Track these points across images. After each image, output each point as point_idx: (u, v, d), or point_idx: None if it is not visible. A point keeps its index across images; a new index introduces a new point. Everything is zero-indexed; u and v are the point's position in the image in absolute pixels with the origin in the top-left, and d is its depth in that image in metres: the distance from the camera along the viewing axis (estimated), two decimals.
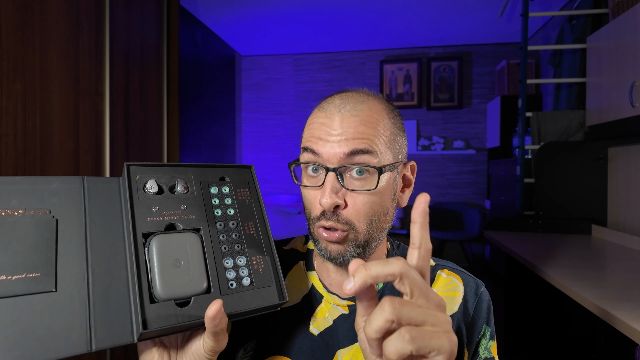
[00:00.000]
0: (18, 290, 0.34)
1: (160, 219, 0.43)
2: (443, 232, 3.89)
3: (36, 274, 0.36)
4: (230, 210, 0.47)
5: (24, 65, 1.12)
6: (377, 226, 0.52)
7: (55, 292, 0.36)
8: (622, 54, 1.69)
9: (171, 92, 1.86)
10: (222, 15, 3.45)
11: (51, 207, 0.39)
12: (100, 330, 0.36)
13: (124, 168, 0.44)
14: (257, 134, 4.66)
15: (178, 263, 0.40)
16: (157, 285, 0.39)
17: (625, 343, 1.03)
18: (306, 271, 0.59)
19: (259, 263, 0.46)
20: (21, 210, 0.38)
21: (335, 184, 0.48)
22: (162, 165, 0.46)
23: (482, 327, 0.56)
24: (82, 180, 0.42)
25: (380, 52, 4.36)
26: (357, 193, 0.49)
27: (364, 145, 0.49)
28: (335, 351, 0.53)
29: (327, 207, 0.48)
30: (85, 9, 1.35)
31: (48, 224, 0.38)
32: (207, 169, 0.49)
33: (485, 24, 3.58)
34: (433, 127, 4.25)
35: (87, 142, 1.36)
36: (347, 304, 0.55)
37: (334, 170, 0.49)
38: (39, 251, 0.37)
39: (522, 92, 2.40)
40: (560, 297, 1.67)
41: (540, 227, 2.20)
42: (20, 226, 0.37)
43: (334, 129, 0.50)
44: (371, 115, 0.51)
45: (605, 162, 2.13)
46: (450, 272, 0.59)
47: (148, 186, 0.44)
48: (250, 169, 0.52)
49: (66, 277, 0.37)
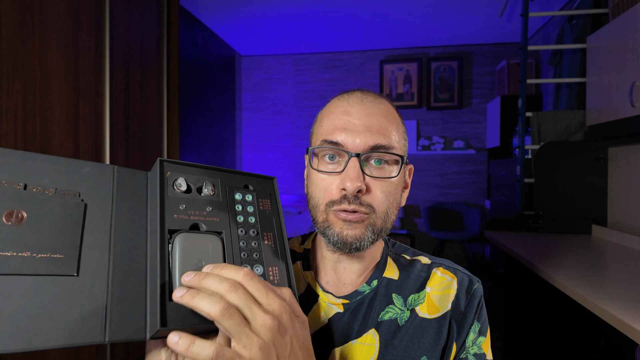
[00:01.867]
0: (41, 269, 0.34)
1: (186, 218, 0.42)
2: (443, 232, 3.89)
3: (60, 256, 0.35)
4: (252, 218, 0.48)
5: (24, 65, 1.12)
6: (390, 218, 0.54)
7: (76, 277, 0.35)
8: (622, 54, 1.69)
9: (171, 92, 1.86)
10: (222, 15, 3.45)
11: (81, 190, 0.39)
12: (116, 322, 0.36)
13: (156, 163, 0.43)
14: (257, 134, 4.66)
15: (200, 263, 0.40)
16: (177, 283, 0.38)
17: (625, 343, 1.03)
18: (303, 271, 0.60)
19: (274, 274, 0.46)
20: (52, 189, 0.37)
21: (359, 170, 0.50)
22: (192, 165, 0.46)
23: (473, 322, 0.55)
24: (113, 169, 0.42)
25: (380, 52, 4.36)
26: (377, 181, 0.51)
27: (387, 141, 0.51)
28: (331, 350, 0.53)
29: (352, 191, 0.49)
30: (85, 9, 1.35)
31: (77, 207, 0.38)
32: (234, 175, 0.49)
33: (485, 24, 3.58)
34: (433, 127, 4.25)
35: (87, 142, 1.36)
36: (342, 302, 0.56)
37: (357, 156, 0.50)
38: (65, 233, 0.36)
39: (522, 92, 2.40)
40: (560, 297, 1.67)
41: (540, 227, 2.20)
42: (50, 205, 0.37)
43: (357, 118, 0.52)
44: (389, 112, 0.54)
45: (605, 162, 2.13)
46: (445, 270, 0.59)
47: (177, 183, 0.44)
48: (273, 181, 0.52)
49: (88, 263, 0.36)
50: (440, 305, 0.55)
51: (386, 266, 0.59)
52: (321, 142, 0.53)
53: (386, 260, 0.59)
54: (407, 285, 0.57)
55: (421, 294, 0.56)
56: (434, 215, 4.13)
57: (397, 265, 0.59)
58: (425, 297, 0.56)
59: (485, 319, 0.57)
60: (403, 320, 0.55)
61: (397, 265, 0.59)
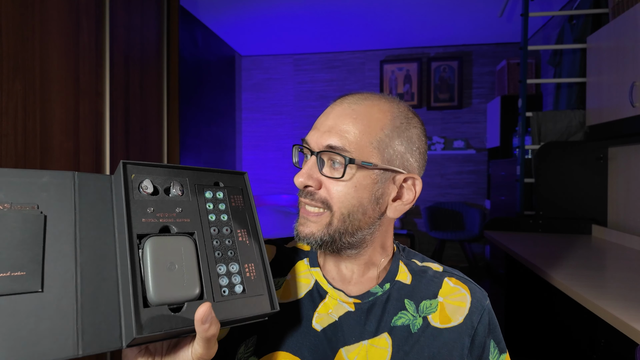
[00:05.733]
0: (2, 289, 0.32)
1: (155, 221, 0.41)
2: (443, 232, 3.89)
3: (21, 273, 0.34)
4: (224, 216, 0.47)
5: (24, 65, 1.12)
6: (354, 222, 0.52)
7: (41, 293, 0.34)
8: (622, 54, 1.69)
9: (171, 92, 1.86)
10: (222, 15, 3.45)
11: (40, 202, 0.37)
12: (89, 333, 0.35)
13: (119, 166, 0.42)
14: (257, 134, 4.66)
15: (172, 267, 0.39)
16: (151, 288, 0.37)
17: (625, 343, 1.03)
18: (310, 267, 0.60)
19: (251, 271, 0.45)
20: (7, 204, 0.35)
21: (312, 167, 0.52)
22: (157, 166, 0.45)
23: (484, 340, 0.56)
24: (73, 175, 0.40)
25: (380, 52, 4.36)
26: (329, 180, 0.52)
27: (340, 142, 0.51)
28: (339, 348, 0.53)
29: (298, 184, 0.52)
30: (85, 9, 1.35)
31: (36, 220, 0.36)
32: (202, 172, 0.48)
33: (485, 24, 3.58)
34: (433, 127, 4.25)
35: (87, 142, 1.36)
36: (354, 301, 0.55)
37: (315, 154, 0.52)
38: (25, 249, 0.34)
39: (522, 92, 2.40)
40: (560, 297, 1.67)
41: (540, 227, 2.20)
42: (6, 221, 0.35)
43: (328, 118, 0.53)
44: (368, 112, 0.52)
45: (605, 162, 2.13)
46: (457, 280, 0.59)
47: (144, 186, 0.42)
48: (244, 176, 0.52)
49: (53, 276, 0.35)
50: (452, 317, 0.56)
51: (399, 270, 0.59)
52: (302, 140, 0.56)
53: (398, 264, 0.59)
54: (419, 291, 0.57)
55: (434, 302, 0.57)
56: (434, 215, 4.13)
57: (408, 269, 0.60)
58: (437, 306, 0.56)
59: (501, 336, 0.58)
60: (416, 327, 0.55)
61: (409, 269, 0.60)
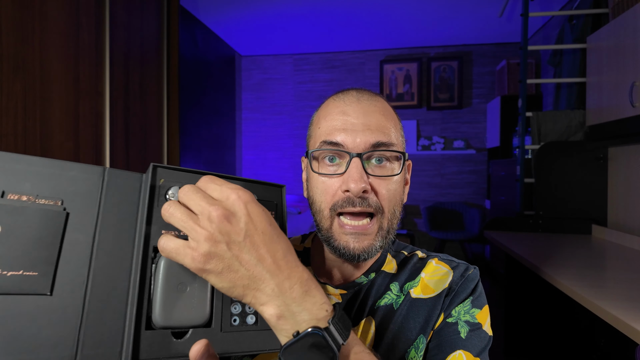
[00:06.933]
0: (11, 288, 0.31)
1: (175, 235, 0.38)
2: (443, 232, 3.89)
3: (34, 273, 0.32)
4: None
5: (24, 65, 1.12)
6: (396, 216, 0.53)
7: (49, 296, 0.32)
8: (622, 54, 1.69)
9: (171, 92, 1.86)
10: (222, 15, 3.45)
11: (65, 197, 0.35)
12: (88, 347, 0.32)
13: (149, 168, 0.38)
14: (257, 134, 4.66)
15: (183, 287, 0.36)
16: (157, 309, 0.35)
17: (625, 343, 1.03)
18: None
19: None
20: (32, 196, 0.33)
21: (361, 170, 0.49)
22: (190, 172, 0.40)
23: (465, 299, 0.53)
24: (102, 171, 0.37)
25: (380, 52, 4.36)
26: (381, 179, 0.50)
27: (387, 138, 0.50)
28: None
29: (357, 192, 0.48)
30: (85, 9, 1.35)
31: (57, 218, 0.34)
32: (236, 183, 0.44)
33: (485, 24, 3.57)
34: (433, 127, 4.25)
35: (87, 142, 1.36)
36: (340, 292, 0.56)
37: (358, 155, 0.49)
38: (41, 247, 0.33)
39: (522, 92, 2.40)
40: (560, 297, 1.67)
41: (540, 227, 2.20)
42: (28, 216, 0.33)
43: (356, 117, 0.51)
44: (386, 109, 0.54)
45: (605, 162, 2.13)
46: (440, 261, 0.58)
47: (170, 194, 0.38)
48: (282, 190, 0.46)
49: (64, 281, 0.33)
50: (434, 287, 0.55)
51: (385, 261, 0.59)
52: (320, 144, 0.52)
53: (386, 256, 0.60)
54: (404, 275, 0.57)
55: (416, 279, 0.56)
56: (434, 215, 4.13)
57: (395, 260, 0.60)
58: (419, 281, 0.56)
59: (480, 296, 0.54)
60: (398, 303, 0.54)
61: (396, 260, 0.60)
